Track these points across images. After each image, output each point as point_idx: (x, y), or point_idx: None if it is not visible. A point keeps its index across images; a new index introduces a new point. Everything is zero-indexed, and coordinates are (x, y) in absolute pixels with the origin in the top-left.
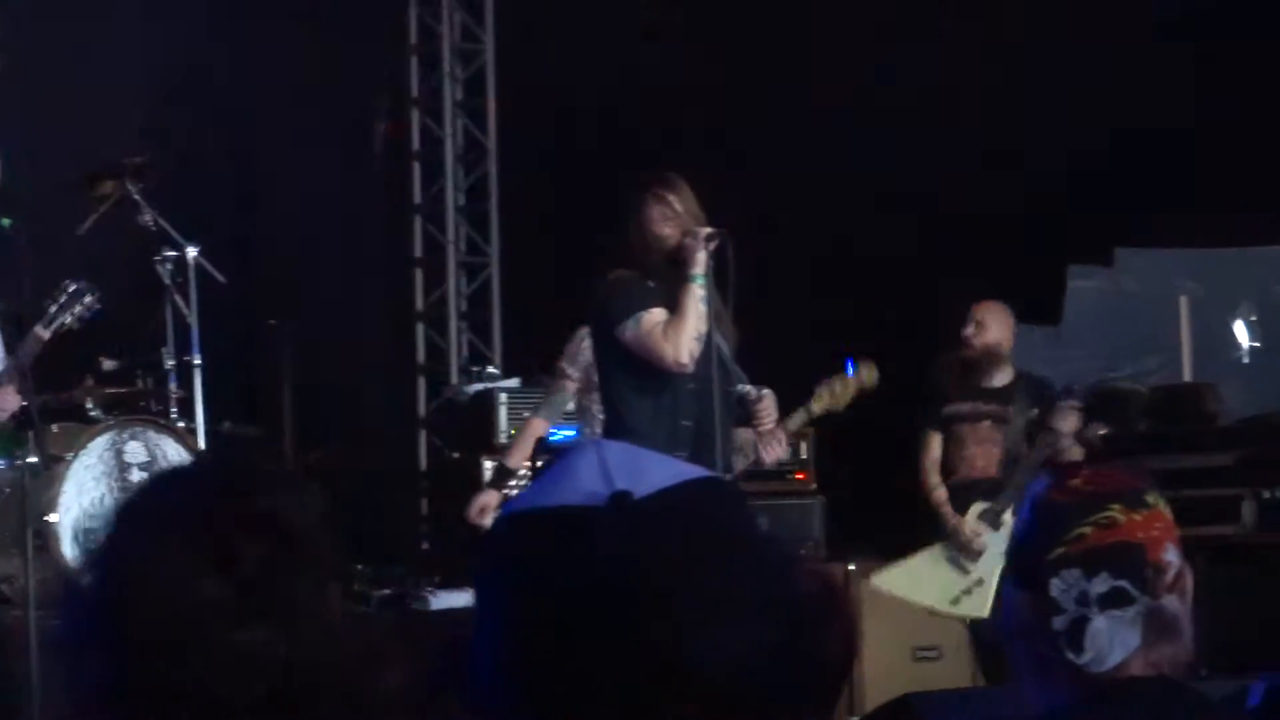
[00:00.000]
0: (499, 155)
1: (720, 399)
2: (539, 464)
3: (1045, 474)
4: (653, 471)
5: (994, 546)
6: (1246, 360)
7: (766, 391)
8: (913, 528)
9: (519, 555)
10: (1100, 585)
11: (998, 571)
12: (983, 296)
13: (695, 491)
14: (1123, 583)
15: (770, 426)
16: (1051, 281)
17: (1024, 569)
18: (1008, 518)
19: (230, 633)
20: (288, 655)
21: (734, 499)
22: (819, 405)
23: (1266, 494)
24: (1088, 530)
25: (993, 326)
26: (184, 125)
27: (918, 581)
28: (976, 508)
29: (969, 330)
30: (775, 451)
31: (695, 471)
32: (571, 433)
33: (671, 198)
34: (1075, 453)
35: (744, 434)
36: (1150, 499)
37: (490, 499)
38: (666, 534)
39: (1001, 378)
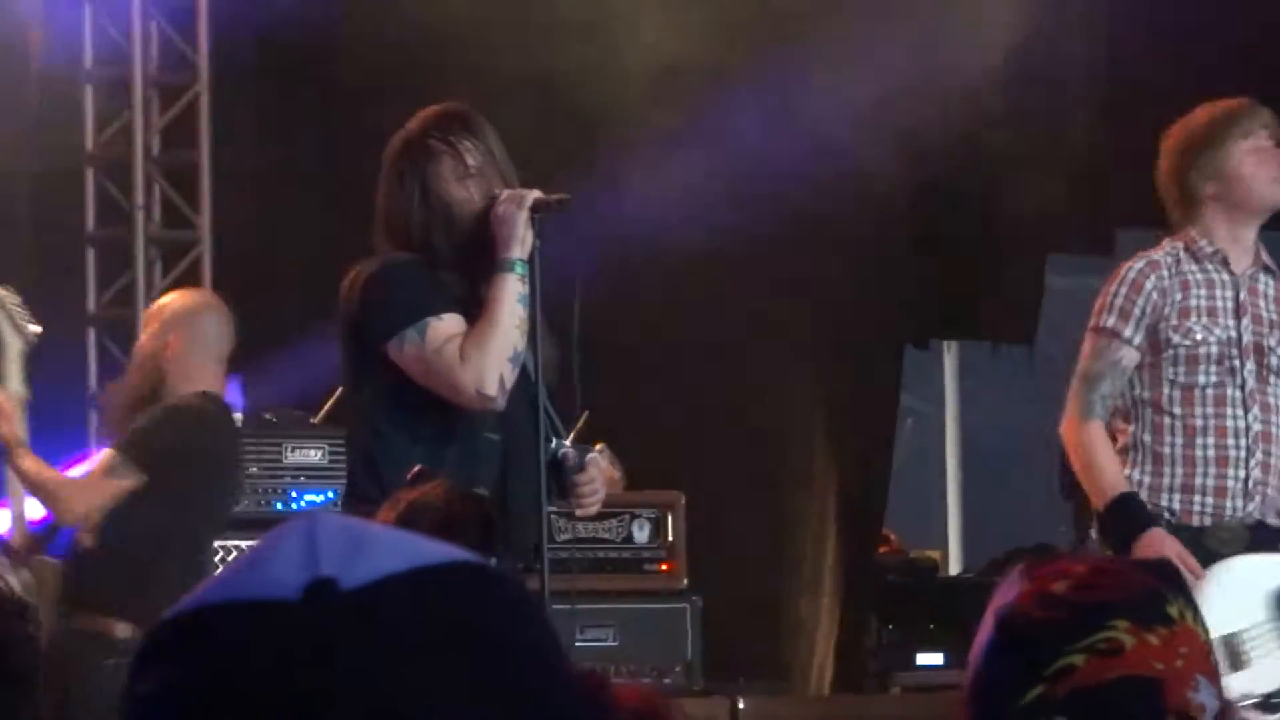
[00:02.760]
0: (214, 75)
1: (541, 457)
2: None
3: (1014, 574)
4: (379, 554)
5: None
6: None
7: (594, 454)
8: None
9: (172, 668)
10: None
11: None
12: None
13: (432, 581)
14: None
15: (595, 509)
16: (1013, 278)
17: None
18: None
19: None
20: None
21: (500, 594)
22: None
23: None
24: (1078, 659)
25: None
26: None
27: None
28: None
29: None
30: (589, 501)
31: (443, 554)
32: (322, 497)
33: (467, 144)
34: None
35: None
36: (1174, 610)
37: None
38: (374, 638)
39: None
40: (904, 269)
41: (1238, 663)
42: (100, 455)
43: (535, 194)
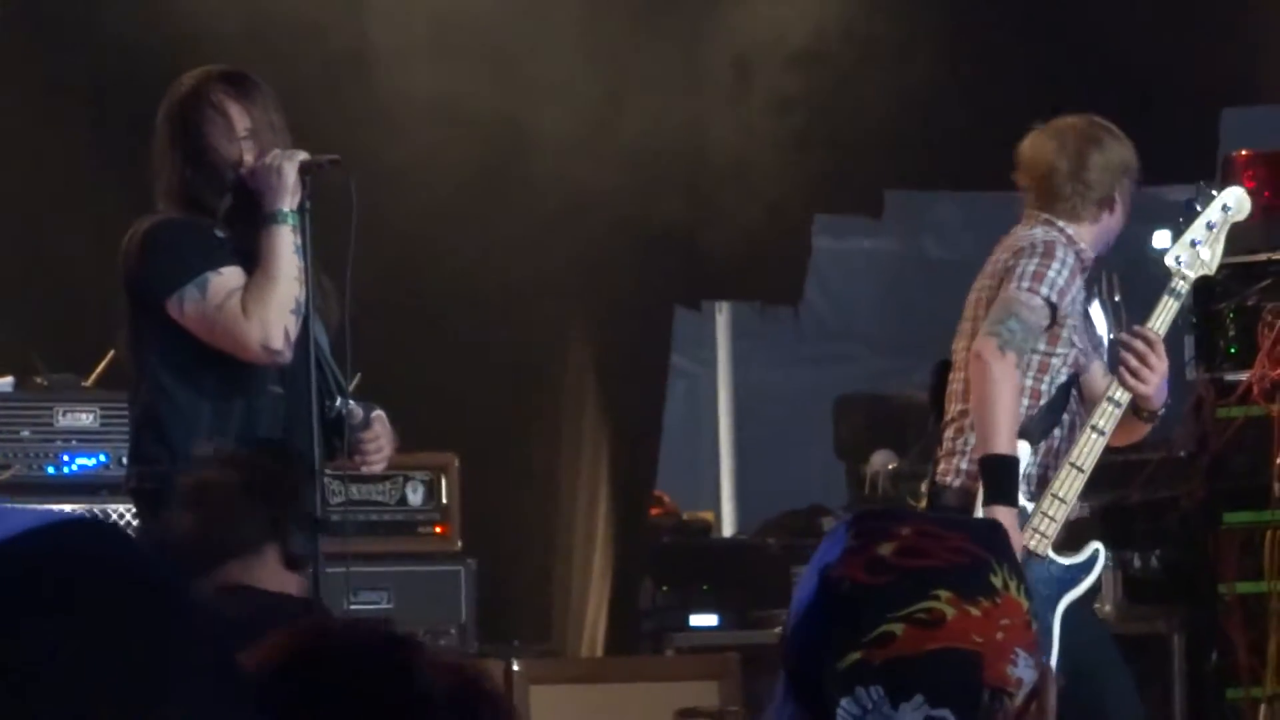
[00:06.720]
0: None
1: (319, 413)
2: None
3: (839, 530)
4: None
5: None
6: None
7: (378, 413)
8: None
9: None
10: (912, 715)
11: None
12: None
13: (39, 545)
14: (944, 713)
15: (380, 466)
16: (781, 240)
17: (802, 676)
18: None
19: None
20: None
21: (108, 550)
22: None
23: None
24: (898, 628)
25: None
26: None
27: None
28: None
29: None
30: (375, 458)
31: (48, 516)
32: (94, 460)
33: (235, 109)
34: None
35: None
36: (998, 580)
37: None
38: None
39: None
40: (673, 230)
41: None
42: None
43: (304, 154)
